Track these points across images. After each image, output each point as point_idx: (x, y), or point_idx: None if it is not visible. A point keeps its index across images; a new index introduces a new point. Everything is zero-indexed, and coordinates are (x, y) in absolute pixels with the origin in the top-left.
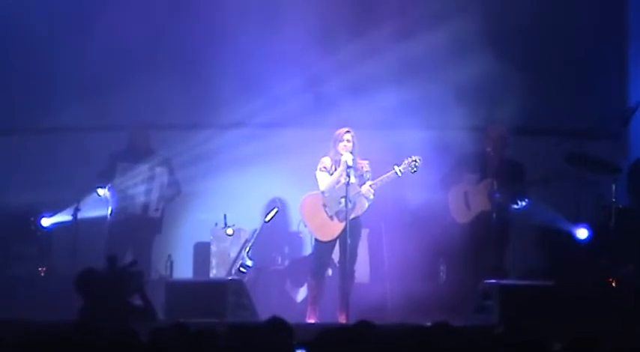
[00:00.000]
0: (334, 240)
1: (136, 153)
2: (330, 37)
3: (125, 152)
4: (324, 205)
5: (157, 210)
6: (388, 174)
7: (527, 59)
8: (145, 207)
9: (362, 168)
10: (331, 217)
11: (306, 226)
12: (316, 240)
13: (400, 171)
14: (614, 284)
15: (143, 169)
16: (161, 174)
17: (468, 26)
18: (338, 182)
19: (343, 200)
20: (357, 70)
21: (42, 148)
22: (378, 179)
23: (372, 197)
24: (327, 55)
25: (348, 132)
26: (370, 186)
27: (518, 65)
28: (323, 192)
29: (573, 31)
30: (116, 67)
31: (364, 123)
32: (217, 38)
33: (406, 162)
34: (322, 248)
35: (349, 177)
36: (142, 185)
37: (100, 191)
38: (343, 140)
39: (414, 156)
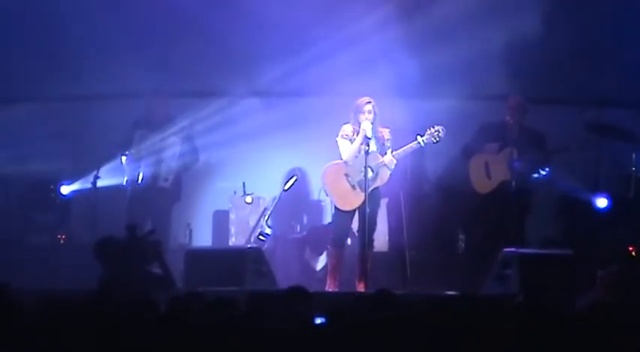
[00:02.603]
0: (354, 210)
1: (155, 122)
2: (352, 4)
3: (145, 120)
4: (347, 174)
5: (165, 180)
6: (411, 144)
7: (547, 28)
8: (155, 177)
9: (383, 136)
10: (353, 186)
11: (327, 195)
12: (336, 208)
13: (423, 141)
14: (633, 252)
15: (156, 138)
16: (173, 143)
17: None
18: (359, 151)
19: (365, 169)
20: (379, 38)
21: (61, 116)
22: (402, 149)
23: (393, 166)
24: (348, 23)
25: (369, 102)
26: (392, 155)
27: (538, 34)
28: (346, 162)
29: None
30: (136, 35)
31: (385, 91)
32: (236, 6)
33: (429, 132)
34: (342, 217)
35: (368, 146)
36: (153, 154)
37: (122, 159)
38: (364, 112)
39: (437, 126)
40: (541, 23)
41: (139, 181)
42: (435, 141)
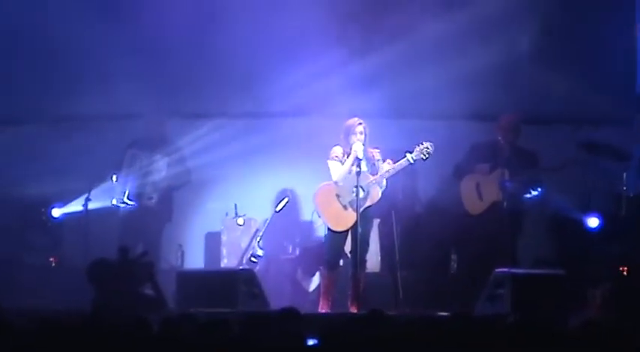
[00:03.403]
0: (347, 230)
1: (148, 142)
2: (341, 26)
3: (138, 140)
4: (338, 195)
5: (150, 198)
6: (400, 161)
7: (537, 48)
8: (140, 195)
9: (373, 156)
10: (345, 207)
11: (319, 216)
12: (329, 229)
13: (412, 158)
14: (625, 272)
15: (146, 158)
16: (162, 163)
17: (478, 15)
18: (350, 172)
19: (356, 189)
20: (369, 59)
21: (53, 138)
22: (391, 167)
23: (384, 184)
24: (337, 44)
25: (360, 123)
26: (381, 174)
27: (528, 54)
28: (336, 182)
29: (583, 19)
30: (128, 56)
31: (375, 112)
32: (227, 28)
33: (418, 149)
34: (335, 238)
35: (359, 167)
36: (141, 174)
37: (114, 179)
38: (356, 133)
39: (426, 142)
40: (530, 43)
41: (126, 199)
42: (424, 157)
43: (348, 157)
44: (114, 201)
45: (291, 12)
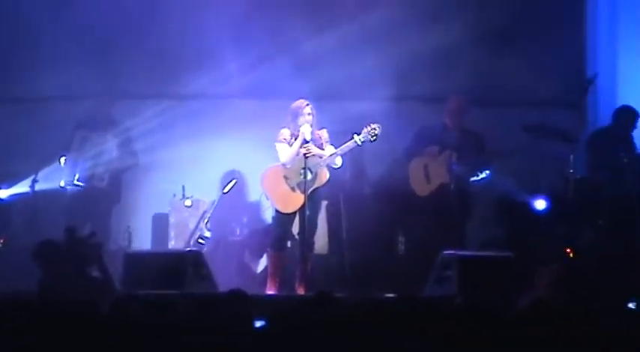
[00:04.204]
0: (295, 212)
1: (96, 123)
2: (287, 8)
3: (86, 121)
4: (285, 177)
5: (101, 180)
6: (348, 143)
7: (485, 29)
8: (91, 177)
9: (320, 137)
10: (292, 189)
11: (267, 198)
12: (277, 211)
13: (360, 139)
14: (571, 254)
15: (96, 140)
16: (111, 145)
17: None
18: (297, 154)
19: (304, 171)
20: (316, 41)
21: (0, 119)
22: (339, 149)
23: (339, 162)
24: (285, 26)
25: (307, 105)
26: (329, 156)
27: (476, 35)
28: (284, 164)
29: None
30: (77, 37)
31: (322, 94)
32: (175, 9)
33: (365, 130)
34: (283, 219)
35: (307, 148)
36: (92, 155)
37: (61, 160)
38: (304, 114)
39: (374, 124)
40: (478, 25)
41: (76, 181)
42: (372, 139)
43: (295, 139)
44: (62, 183)
45: None
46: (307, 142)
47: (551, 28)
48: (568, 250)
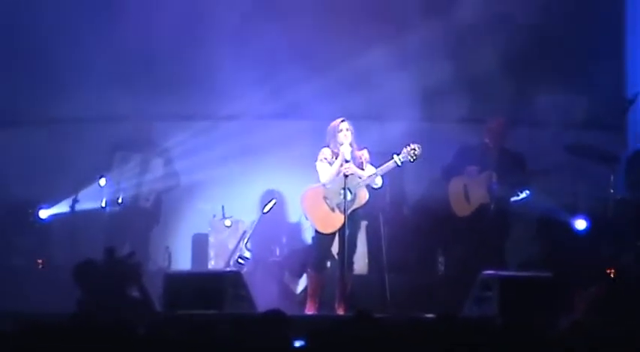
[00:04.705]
0: (335, 232)
1: (136, 144)
2: (331, 28)
3: (125, 142)
4: (325, 197)
5: (147, 200)
6: (388, 163)
7: (526, 51)
8: (135, 198)
9: (361, 157)
10: (332, 209)
11: (307, 218)
12: (317, 231)
13: (400, 160)
14: (612, 275)
15: (138, 160)
16: (155, 165)
17: (467, 17)
18: (338, 173)
19: (344, 191)
20: (357, 61)
21: (40, 140)
22: (379, 169)
23: (379, 182)
24: (326, 46)
25: (343, 121)
26: (369, 176)
27: (517, 57)
28: (324, 184)
29: (572, 22)
30: (116, 58)
31: (362, 114)
32: (216, 29)
33: (405, 151)
34: (323, 240)
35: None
36: (135, 176)
37: (101, 181)
38: (342, 129)
39: (414, 144)
40: (519, 47)
41: (119, 202)
42: (412, 159)
43: (336, 158)
44: (103, 203)
45: (281, 14)
46: (347, 162)
47: (591, 47)
48: (609, 271)
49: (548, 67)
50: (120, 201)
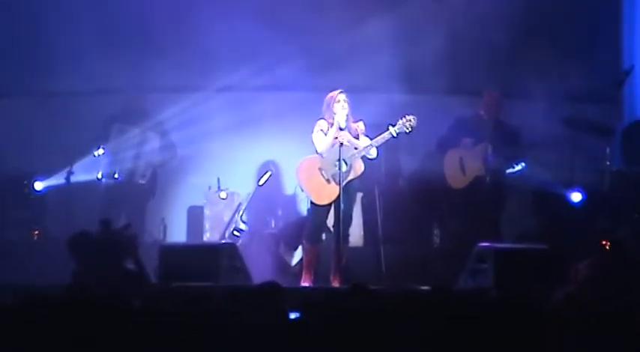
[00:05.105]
0: (330, 204)
1: (131, 116)
2: (325, 1)
3: (121, 114)
4: (321, 168)
5: (143, 176)
6: (383, 134)
7: (521, 24)
8: (132, 173)
9: (356, 129)
10: (328, 180)
11: (302, 190)
12: (312, 203)
13: (395, 131)
14: (607, 247)
15: (135, 133)
16: (152, 138)
17: None
18: (333, 144)
19: (339, 162)
20: (352, 34)
21: (35, 112)
22: (374, 140)
23: (374, 153)
24: (321, 19)
25: (341, 92)
26: (364, 147)
27: (512, 30)
28: (320, 154)
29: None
30: (110, 31)
31: (359, 86)
32: (210, 2)
33: (401, 122)
34: (318, 211)
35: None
36: (131, 149)
37: (96, 152)
38: (340, 100)
39: (409, 115)
40: (510, 18)
41: (116, 176)
42: (407, 130)
43: (332, 128)
44: (99, 175)
45: None
46: (342, 130)
47: (587, 20)
48: (604, 243)
49: (545, 39)
50: (116, 176)
